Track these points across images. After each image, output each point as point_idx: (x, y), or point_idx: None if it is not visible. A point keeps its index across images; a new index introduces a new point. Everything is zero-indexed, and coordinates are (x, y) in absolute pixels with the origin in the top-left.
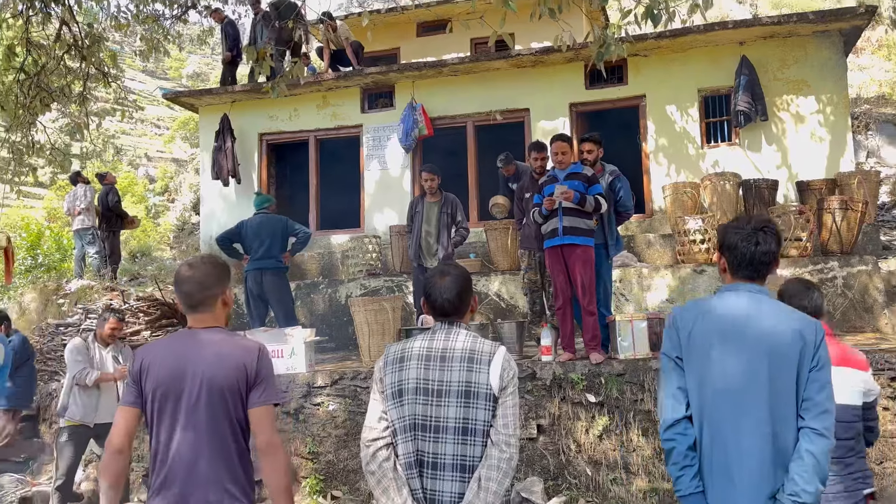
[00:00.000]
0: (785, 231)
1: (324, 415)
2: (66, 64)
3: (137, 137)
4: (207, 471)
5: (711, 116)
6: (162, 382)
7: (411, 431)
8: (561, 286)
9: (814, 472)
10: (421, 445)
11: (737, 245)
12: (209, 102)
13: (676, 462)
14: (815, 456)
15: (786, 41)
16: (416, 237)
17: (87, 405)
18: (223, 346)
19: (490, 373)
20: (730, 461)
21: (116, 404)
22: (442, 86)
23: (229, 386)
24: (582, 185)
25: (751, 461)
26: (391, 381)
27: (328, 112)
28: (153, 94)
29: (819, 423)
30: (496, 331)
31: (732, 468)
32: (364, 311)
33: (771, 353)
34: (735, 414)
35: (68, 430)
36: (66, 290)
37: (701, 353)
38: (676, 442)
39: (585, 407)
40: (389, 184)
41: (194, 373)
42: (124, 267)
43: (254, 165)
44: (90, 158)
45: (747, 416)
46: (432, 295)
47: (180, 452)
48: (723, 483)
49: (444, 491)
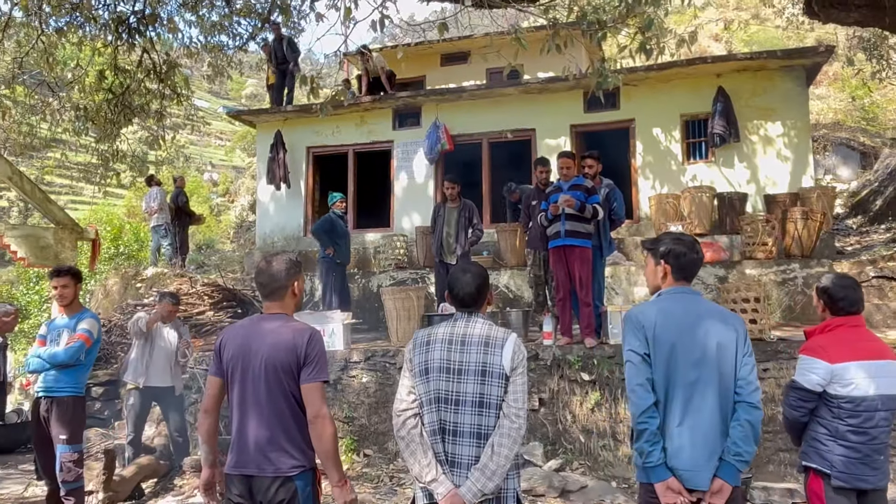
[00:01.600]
0: (753, 237)
1: (358, 386)
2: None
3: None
4: (268, 433)
5: (692, 137)
6: (233, 358)
7: (436, 404)
8: (562, 281)
9: (752, 437)
10: (444, 416)
11: (684, 254)
12: (265, 120)
13: (649, 440)
14: (752, 424)
15: (756, 74)
16: (438, 237)
17: (136, 369)
18: (281, 331)
19: (503, 355)
20: (693, 434)
21: (168, 371)
22: (461, 108)
23: (283, 365)
24: (582, 195)
25: (707, 433)
26: (419, 360)
27: (365, 129)
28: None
29: (753, 398)
30: (505, 318)
31: (695, 440)
32: (392, 299)
33: (718, 345)
34: (695, 396)
35: (130, 392)
36: (143, 275)
37: (664, 348)
38: (648, 424)
39: (580, 384)
40: (415, 190)
41: (256, 352)
42: (192, 257)
43: (301, 173)
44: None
45: (704, 398)
46: (455, 288)
47: (247, 417)
48: (687, 451)
49: (462, 454)
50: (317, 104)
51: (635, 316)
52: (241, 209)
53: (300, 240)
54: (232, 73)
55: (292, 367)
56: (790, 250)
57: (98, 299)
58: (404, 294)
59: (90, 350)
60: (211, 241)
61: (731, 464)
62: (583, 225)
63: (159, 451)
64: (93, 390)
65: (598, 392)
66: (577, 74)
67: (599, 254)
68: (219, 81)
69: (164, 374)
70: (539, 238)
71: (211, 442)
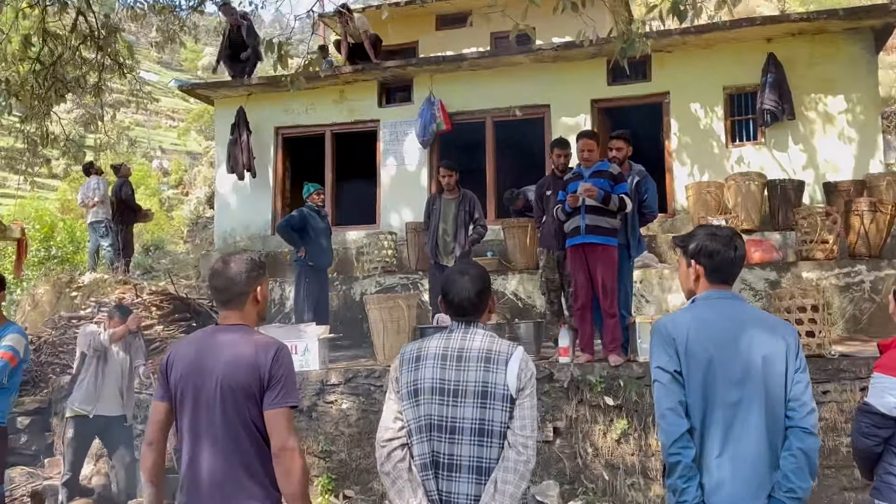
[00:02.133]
0: (811, 233)
1: (337, 413)
2: (82, 54)
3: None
4: (225, 469)
5: (737, 115)
6: (182, 378)
7: (427, 432)
8: (581, 286)
9: (806, 469)
10: (437, 446)
11: (718, 251)
12: (225, 95)
13: (683, 475)
14: (807, 453)
15: (814, 38)
16: (432, 234)
17: (88, 392)
18: (240, 346)
19: (507, 373)
20: (736, 467)
21: (119, 398)
22: (461, 80)
23: (242, 387)
24: (607, 183)
25: (752, 465)
26: (407, 380)
27: (345, 106)
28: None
29: (808, 422)
30: (513, 331)
31: (738, 474)
32: (379, 309)
33: (765, 358)
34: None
35: (73, 422)
36: (78, 282)
37: (700, 364)
38: (682, 456)
39: (603, 410)
40: (406, 179)
41: (210, 371)
42: (137, 260)
43: (269, 159)
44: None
45: (748, 423)
46: (450, 293)
47: (200, 450)
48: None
49: (459, 493)
50: (287, 76)
51: (664, 326)
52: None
53: (268, 239)
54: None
55: (254, 389)
56: (855, 249)
57: (25, 311)
58: (393, 303)
59: (14, 371)
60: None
61: (781, 502)
62: (607, 219)
63: (98, 493)
64: (17, 420)
65: (626, 420)
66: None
67: (627, 254)
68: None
69: (114, 401)
70: (554, 235)
71: (156, 481)
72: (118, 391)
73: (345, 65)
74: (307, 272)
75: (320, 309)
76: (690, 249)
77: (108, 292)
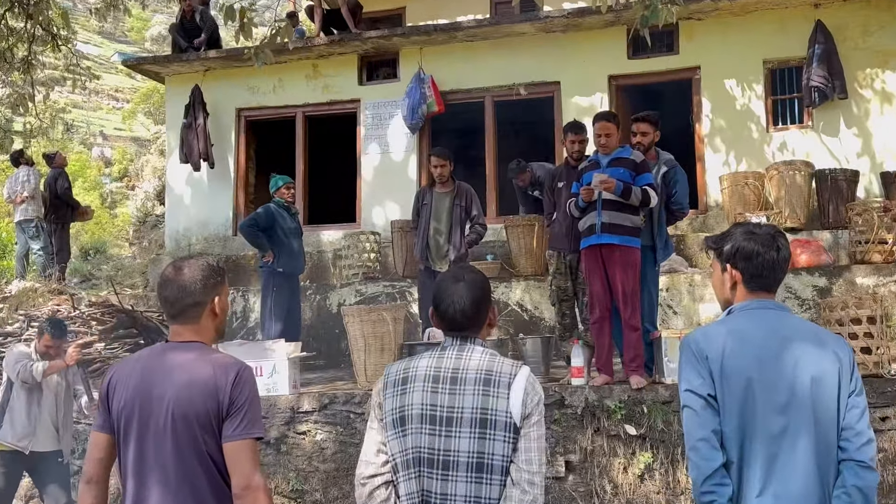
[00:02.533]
0: (867, 232)
1: (310, 446)
2: (8, 23)
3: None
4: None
5: (779, 93)
6: (126, 405)
7: (416, 467)
8: (598, 295)
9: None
10: (427, 484)
11: (756, 253)
12: (177, 71)
13: None
14: (863, 491)
15: (869, 4)
16: (422, 235)
17: (24, 426)
18: (195, 367)
19: (510, 398)
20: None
21: (54, 431)
22: (456, 54)
23: (198, 415)
24: (628, 173)
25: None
26: (392, 406)
27: (319, 84)
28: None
29: (865, 455)
30: (517, 348)
31: None
32: (360, 323)
33: (814, 379)
34: (782, 454)
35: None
36: (4, 292)
37: (738, 386)
38: (717, 495)
39: (624, 441)
40: (392, 170)
41: (160, 397)
42: (74, 266)
43: (230, 146)
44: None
45: (794, 455)
46: (443, 304)
47: (147, 489)
48: None
49: None
50: (250, 48)
51: (695, 342)
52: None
53: (229, 241)
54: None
55: (211, 417)
56: None
57: None
58: (376, 315)
59: None
60: (102, 243)
61: None
62: (627, 216)
63: None
64: None
65: (650, 452)
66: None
67: (651, 257)
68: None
69: (49, 435)
70: (566, 235)
71: None
72: (53, 424)
73: (319, 35)
74: (275, 280)
75: (291, 323)
76: (725, 252)
77: (40, 304)
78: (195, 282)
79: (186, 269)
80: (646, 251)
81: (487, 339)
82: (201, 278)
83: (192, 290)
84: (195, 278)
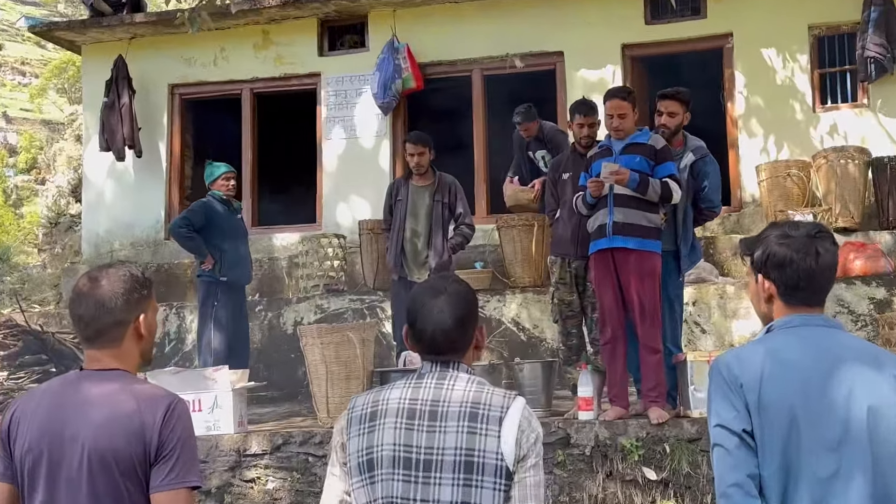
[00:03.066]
0: None
1: (260, 496)
2: None
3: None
4: None
5: (828, 66)
6: (32, 447)
7: None
8: (610, 310)
9: None
10: None
11: (791, 260)
12: (97, 39)
13: None
14: None
15: None
16: (397, 238)
17: None
18: (116, 401)
19: (502, 436)
20: None
21: None
22: (436, 18)
23: (120, 460)
24: (645, 161)
25: None
26: (357, 447)
27: (271, 54)
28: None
29: None
30: (512, 375)
31: None
32: (321, 345)
33: (871, 410)
34: (832, 500)
35: None
36: None
37: (779, 419)
38: None
39: (642, 487)
40: (360, 159)
41: (74, 437)
42: None
43: (162, 131)
44: None
45: (846, 503)
46: (419, 322)
47: None
48: None
49: None
50: (184, 12)
51: (727, 367)
52: (56, 195)
53: (160, 247)
54: None
55: (136, 462)
56: None
57: None
58: (340, 336)
59: None
60: (5, 249)
61: None
62: (644, 214)
63: None
64: None
65: (673, 500)
66: None
67: (675, 264)
68: None
69: None
70: (572, 237)
71: None
72: None
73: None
74: (217, 292)
75: (236, 345)
76: (756, 258)
77: None
78: (115, 296)
79: (105, 281)
80: (667, 257)
81: (474, 365)
82: (123, 292)
83: (111, 306)
84: (115, 292)
